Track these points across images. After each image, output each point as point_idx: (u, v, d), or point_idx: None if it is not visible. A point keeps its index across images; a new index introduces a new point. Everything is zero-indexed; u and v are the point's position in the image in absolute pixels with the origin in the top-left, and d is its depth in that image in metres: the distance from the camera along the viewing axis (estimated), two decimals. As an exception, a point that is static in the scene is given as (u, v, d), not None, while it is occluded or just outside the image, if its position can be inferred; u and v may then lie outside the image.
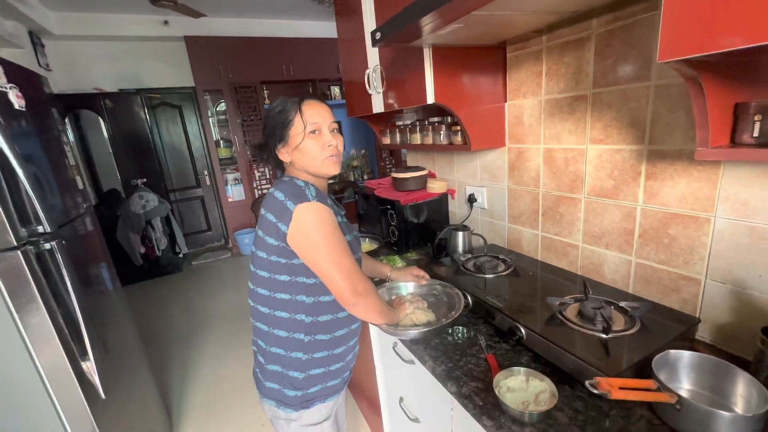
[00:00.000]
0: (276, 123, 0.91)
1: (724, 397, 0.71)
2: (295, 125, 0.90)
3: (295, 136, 0.90)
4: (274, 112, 0.92)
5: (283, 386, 0.94)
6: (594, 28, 1.00)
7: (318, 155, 0.91)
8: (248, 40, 4.28)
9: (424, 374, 1.03)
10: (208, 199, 4.97)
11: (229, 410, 2.10)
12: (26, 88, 1.22)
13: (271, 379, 0.96)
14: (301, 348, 0.93)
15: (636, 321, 0.88)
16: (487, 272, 1.23)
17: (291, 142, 0.91)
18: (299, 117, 0.90)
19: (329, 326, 0.94)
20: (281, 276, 0.89)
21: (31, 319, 1.08)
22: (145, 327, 3.05)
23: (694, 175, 0.86)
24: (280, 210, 0.84)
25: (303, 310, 0.91)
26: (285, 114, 0.90)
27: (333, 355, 0.97)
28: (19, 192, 1.07)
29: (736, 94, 0.65)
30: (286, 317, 0.91)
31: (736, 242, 0.81)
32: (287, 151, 0.93)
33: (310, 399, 0.95)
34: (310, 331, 0.93)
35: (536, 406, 0.74)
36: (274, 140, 0.93)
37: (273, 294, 0.91)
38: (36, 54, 3.43)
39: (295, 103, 0.91)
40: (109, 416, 1.31)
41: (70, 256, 1.19)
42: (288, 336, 0.92)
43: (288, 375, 0.94)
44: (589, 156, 1.09)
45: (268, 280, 0.91)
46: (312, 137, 0.90)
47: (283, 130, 0.91)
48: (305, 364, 0.94)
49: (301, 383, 0.94)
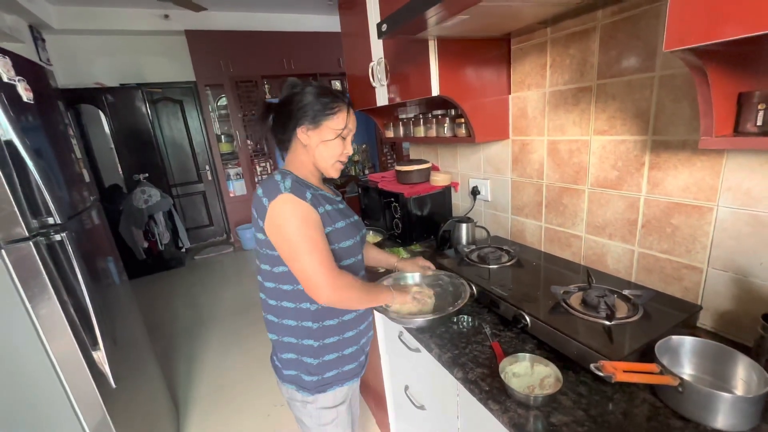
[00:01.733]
0: (317, 104, 0.90)
1: (725, 381, 0.73)
2: (337, 120, 0.91)
3: (330, 128, 0.91)
4: (315, 92, 0.90)
5: (300, 371, 0.97)
6: (599, 19, 1.00)
7: (334, 157, 0.94)
8: (249, 34, 4.26)
9: (430, 362, 1.05)
10: (210, 194, 4.98)
11: (235, 401, 2.13)
12: (33, 81, 1.23)
13: (288, 366, 0.99)
14: (311, 335, 0.95)
15: (639, 309, 0.90)
16: (491, 263, 1.25)
17: (322, 131, 0.91)
18: (345, 115, 0.92)
19: (335, 311, 0.96)
20: (280, 267, 0.91)
21: (43, 309, 1.10)
22: (150, 320, 3.08)
23: (697, 164, 0.87)
24: (260, 207, 0.87)
25: (306, 299, 0.92)
26: (333, 104, 0.91)
27: (344, 339, 0.99)
28: (29, 184, 1.08)
29: (740, 84, 0.66)
30: (292, 307, 0.94)
31: (738, 231, 0.82)
32: (310, 135, 0.91)
33: (326, 383, 0.98)
34: (318, 318, 0.94)
35: (541, 390, 0.76)
36: (303, 117, 0.90)
37: (278, 285, 0.94)
38: (37, 48, 3.42)
39: (344, 102, 0.93)
40: (120, 405, 1.34)
41: (79, 247, 1.21)
42: (297, 324, 0.95)
43: (303, 361, 0.96)
44: (593, 147, 1.10)
45: (270, 273, 0.93)
46: (340, 140, 0.93)
47: (321, 116, 0.90)
48: (318, 351, 0.96)
49: (316, 369, 0.97)
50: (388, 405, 1.56)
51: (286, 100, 0.92)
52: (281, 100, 0.94)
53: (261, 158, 4.73)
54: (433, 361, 1.01)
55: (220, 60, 4.18)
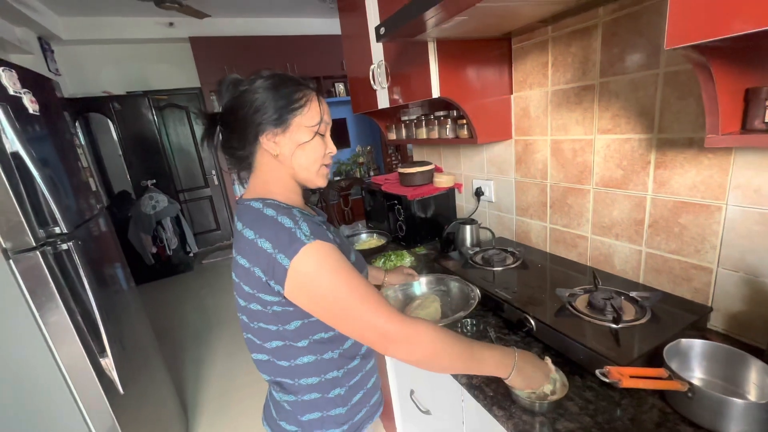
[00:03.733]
0: (279, 100, 0.68)
1: (736, 386, 0.71)
2: (309, 113, 0.71)
3: (303, 126, 0.70)
4: (271, 84, 0.69)
5: (327, 429, 0.79)
6: (600, 17, 0.98)
7: (317, 161, 0.74)
8: (252, 39, 4.30)
9: (434, 367, 1.04)
10: (217, 199, 5.03)
11: (243, 404, 2.14)
12: (39, 92, 1.25)
13: (312, 427, 0.79)
14: (338, 383, 0.78)
15: (647, 311, 0.88)
16: (496, 265, 1.24)
17: (294, 132, 0.70)
18: (316, 105, 0.72)
19: (355, 348, 0.81)
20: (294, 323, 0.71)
21: (51, 317, 1.12)
22: (158, 325, 3.11)
23: (704, 162, 0.85)
24: (270, 266, 0.64)
25: (329, 348, 0.76)
26: (298, 93, 0.70)
27: (366, 372, 0.85)
28: (36, 194, 1.10)
29: (746, 80, 0.64)
30: (312, 361, 0.74)
31: (748, 230, 0.80)
32: (279, 142, 0.70)
33: (356, 428, 0.83)
34: (341, 365, 0.78)
35: (547, 396, 0.74)
36: (263, 120, 0.68)
37: (290, 343, 0.73)
38: (46, 59, 3.49)
39: (310, 89, 0.72)
40: (128, 411, 1.35)
41: (85, 256, 1.23)
42: (320, 380, 0.76)
43: (330, 416, 0.79)
44: (597, 146, 1.08)
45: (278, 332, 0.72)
46: (319, 138, 0.73)
47: (288, 113, 0.69)
48: (345, 397, 0.80)
49: (345, 416, 0.81)
50: (394, 410, 1.55)
51: (235, 105, 0.70)
52: (226, 105, 0.72)
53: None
54: (438, 365, 1.00)
55: (224, 66, 4.22)
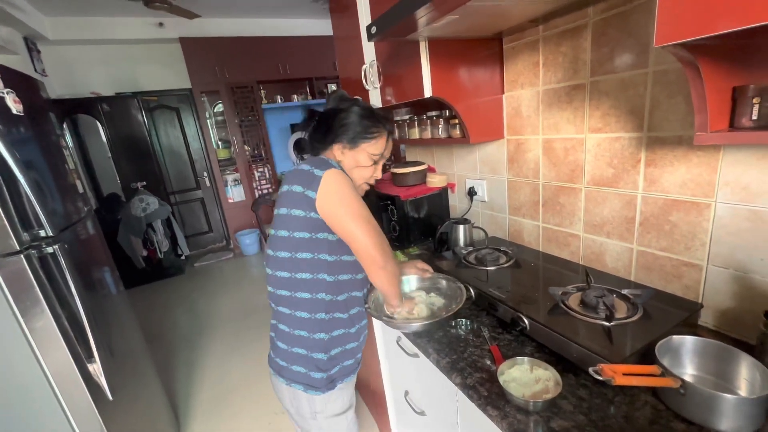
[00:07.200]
0: (359, 126, 0.92)
1: (727, 381, 0.71)
2: (375, 145, 0.94)
3: (366, 152, 0.94)
4: (360, 113, 0.93)
5: (309, 369, 0.95)
6: (590, 16, 0.99)
7: (364, 177, 0.97)
8: (243, 40, 4.26)
9: (428, 367, 1.04)
10: (209, 201, 4.97)
11: (236, 408, 2.11)
12: (23, 93, 1.22)
13: (298, 362, 0.96)
14: (323, 328, 0.94)
15: (638, 308, 0.88)
16: (489, 264, 1.24)
17: (358, 153, 0.94)
18: (384, 142, 0.95)
19: (345, 305, 0.96)
20: (303, 254, 0.89)
21: (36, 322, 1.09)
22: (149, 329, 3.07)
23: (693, 160, 0.86)
24: (307, 179, 0.85)
25: (324, 289, 0.92)
26: (375, 128, 0.93)
27: (349, 333, 0.98)
28: (20, 197, 1.07)
29: (733, 78, 0.65)
30: (307, 297, 0.92)
31: (737, 227, 0.81)
32: (345, 154, 0.94)
33: (333, 379, 0.97)
34: (330, 309, 0.94)
35: (540, 395, 0.74)
36: (344, 135, 0.93)
37: (294, 275, 0.91)
38: (32, 60, 3.42)
39: (385, 129, 0.95)
40: (117, 417, 1.32)
41: (72, 259, 1.20)
42: (310, 317, 0.93)
43: (313, 357, 0.95)
44: (588, 145, 1.09)
45: (288, 261, 0.91)
46: (371, 164, 0.96)
47: (360, 138, 0.92)
48: (327, 344, 0.95)
49: (326, 364, 0.95)
50: (389, 411, 1.54)
51: (331, 113, 0.94)
52: (326, 110, 0.96)
53: (259, 163, 4.72)
54: (432, 366, 1.00)
55: (215, 66, 4.18)
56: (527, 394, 0.75)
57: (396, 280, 0.93)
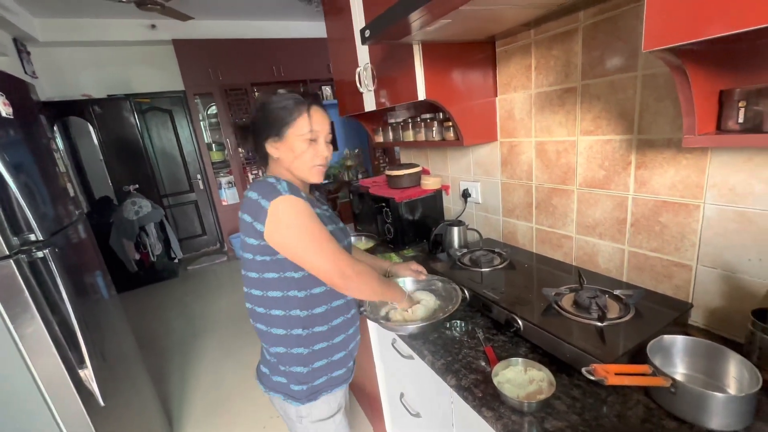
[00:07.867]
0: (276, 117, 0.89)
1: (717, 380, 0.72)
2: (297, 126, 0.88)
3: (293, 136, 0.89)
4: (276, 105, 0.89)
5: (290, 381, 0.95)
6: (581, 20, 1.00)
7: (308, 161, 0.91)
8: (237, 42, 4.25)
9: (423, 369, 1.04)
10: (202, 203, 4.93)
11: (230, 413, 2.09)
12: (13, 95, 1.21)
13: (278, 373, 0.97)
14: (301, 343, 0.93)
15: (630, 308, 0.89)
16: (483, 266, 1.24)
17: (287, 140, 0.89)
18: (306, 119, 0.88)
19: (324, 317, 0.95)
20: (270, 274, 0.90)
21: (26, 328, 1.07)
22: (142, 333, 3.03)
23: (682, 162, 0.87)
24: (255, 210, 0.84)
25: (297, 305, 0.92)
26: (288, 111, 0.88)
27: (333, 345, 0.97)
28: (9, 200, 1.06)
29: (720, 82, 0.66)
30: (281, 315, 0.92)
31: (725, 227, 0.83)
32: (278, 147, 0.91)
33: (316, 391, 0.96)
34: (307, 325, 0.93)
35: (534, 395, 0.75)
36: (268, 132, 0.90)
37: (265, 293, 0.92)
38: (21, 62, 3.38)
39: (303, 104, 0.89)
40: (109, 423, 1.30)
41: (63, 264, 1.18)
42: (286, 333, 0.93)
43: (292, 371, 0.95)
44: (579, 147, 1.10)
45: (258, 281, 0.92)
46: (309, 144, 0.90)
47: (281, 127, 0.88)
48: (307, 358, 0.94)
49: (305, 377, 0.95)
50: (384, 413, 1.54)
51: (254, 118, 0.93)
52: (251, 119, 0.94)
53: (253, 166, 4.70)
54: (427, 368, 1.00)
55: (208, 68, 4.16)
56: (521, 395, 0.75)
57: (368, 277, 0.92)
